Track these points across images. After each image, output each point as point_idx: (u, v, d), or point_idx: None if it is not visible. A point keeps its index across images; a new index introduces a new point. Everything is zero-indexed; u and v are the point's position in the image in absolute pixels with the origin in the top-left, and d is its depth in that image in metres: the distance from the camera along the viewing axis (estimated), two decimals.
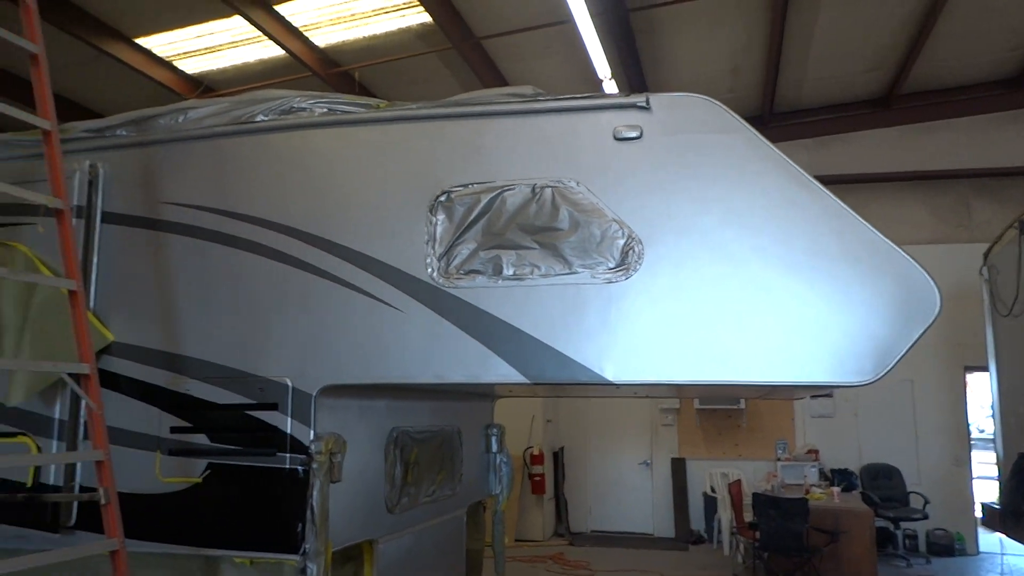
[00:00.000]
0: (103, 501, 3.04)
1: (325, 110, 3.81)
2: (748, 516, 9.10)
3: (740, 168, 3.21)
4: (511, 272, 3.39)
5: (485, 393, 5.45)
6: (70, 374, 3.18)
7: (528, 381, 3.30)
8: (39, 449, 3.74)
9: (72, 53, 9.34)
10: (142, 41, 9.51)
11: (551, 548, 10.56)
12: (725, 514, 10.29)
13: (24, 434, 3.78)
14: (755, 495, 8.73)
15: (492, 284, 3.39)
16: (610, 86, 10.02)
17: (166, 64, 9.99)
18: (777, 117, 12.23)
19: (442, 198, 3.52)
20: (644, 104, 3.39)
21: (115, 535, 3.03)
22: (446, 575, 4.94)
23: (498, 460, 5.64)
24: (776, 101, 11.86)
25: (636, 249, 3.27)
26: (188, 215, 3.82)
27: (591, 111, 3.50)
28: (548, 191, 3.43)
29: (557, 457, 11.97)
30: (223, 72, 10.31)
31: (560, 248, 3.37)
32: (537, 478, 11.04)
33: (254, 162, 3.80)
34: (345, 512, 3.59)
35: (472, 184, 3.51)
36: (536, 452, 11.17)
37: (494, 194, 3.48)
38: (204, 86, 10.36)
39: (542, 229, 3.40)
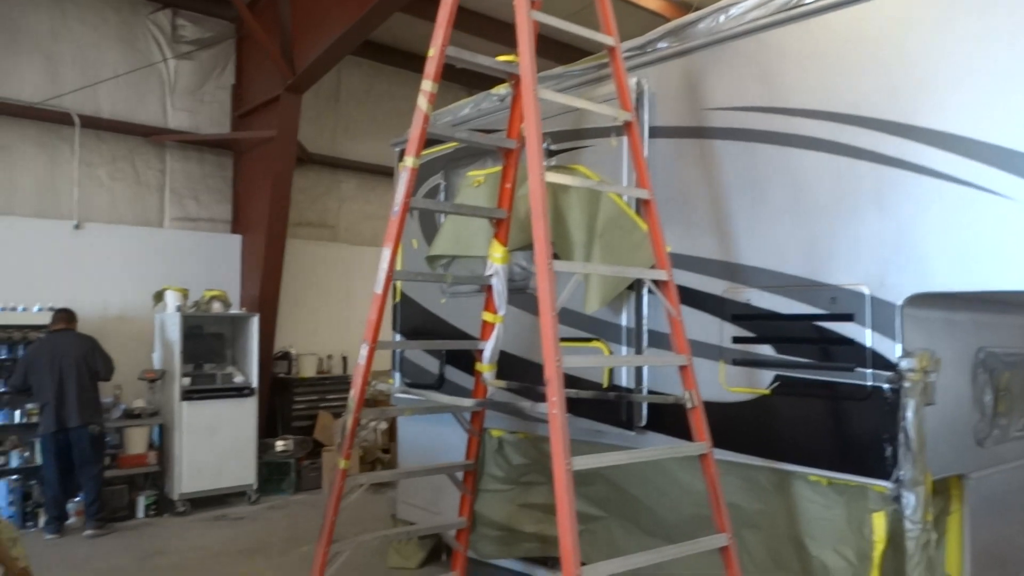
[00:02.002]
0: (689, 404, 3.05)
1: None
2: None
3: None
4: None
5: None
6: (652, 282, 3.23)
7: None
8: (610, 353, 4.00)
9: None
10: None
11: None
12: None
13: (597, 339, 4.09)
14: None
15: None
16: None
17: None
18: None
19: None
20: None
21: (703, 438, 3.02)
22: None
23: None
24: None
25: None
26: (735, 118, 3.59)
27: None
28: None
29: None
30: None
31: None
32: None
33: (808, 49, 3.36)
34: (933, 439, 3.06)
35: None
36: None
37: None
38: (693, 7, 10.21)
39: None
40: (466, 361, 4.96)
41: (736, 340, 3.53)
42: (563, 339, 4.24)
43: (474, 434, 4.20)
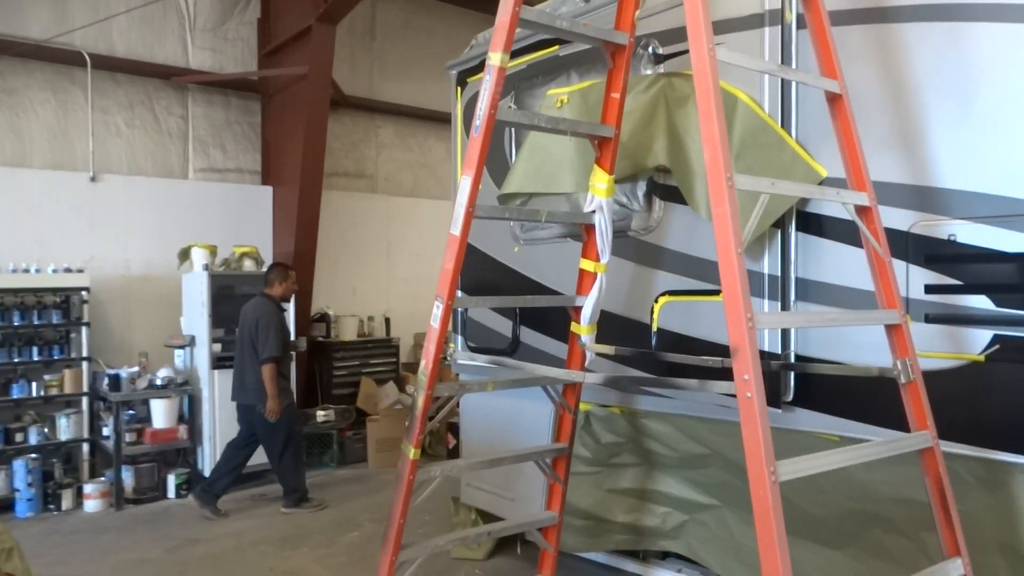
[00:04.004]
0: (904, 378, 2.19)
1: None
2: None
3: None
4: None
5: None
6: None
7: None
8: None
9: None
10: None
11: None
12: None
13: None
14: None
15: None
16: None
17: None
18: None
19: None
20: None
21: (925, 426, 2.17)
22: None
23: None
24: None
25: None
26: None
27: None
28: None
29: None
30: None
31: None
32: None
33: None
34: None
35: None
36: None
37: None
38: None
39: None
40: (546, 321, 4.16)
41: (930, 289, 2.66)
42: (677, 292, 3.42)
43: (569, 411, 3.40)
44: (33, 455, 6.09)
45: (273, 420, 5.81)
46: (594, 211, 3.14)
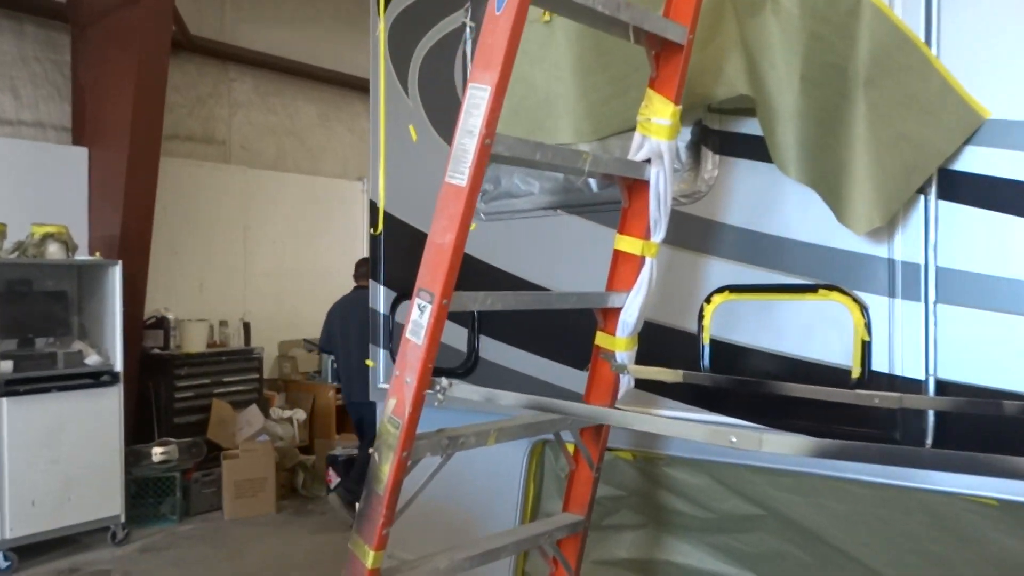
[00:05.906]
0: None
1: None
2: None
3: None
4: None
5: None
6: None
7: None
8: (863, 310, 2.31)
9: None
10: None
11: None
12: None
13: (830, 287, 2.38)
14: None
15: None
16: None
17: None
18: None
19: None
20: None
21: None
22: None
23: None
24: None
25: None
26: None
27: None
28: None
29: None
30: None
31: None
32: None
33: None
34: None
35: None
36: None
37: None
38: None
39: None
40: (518, 328, 3.19)
41: None
42: (740, 288, 2.54)
43: (590, 466, 2.42)
44: None
45: None
46: (648, 160, 2.19)
